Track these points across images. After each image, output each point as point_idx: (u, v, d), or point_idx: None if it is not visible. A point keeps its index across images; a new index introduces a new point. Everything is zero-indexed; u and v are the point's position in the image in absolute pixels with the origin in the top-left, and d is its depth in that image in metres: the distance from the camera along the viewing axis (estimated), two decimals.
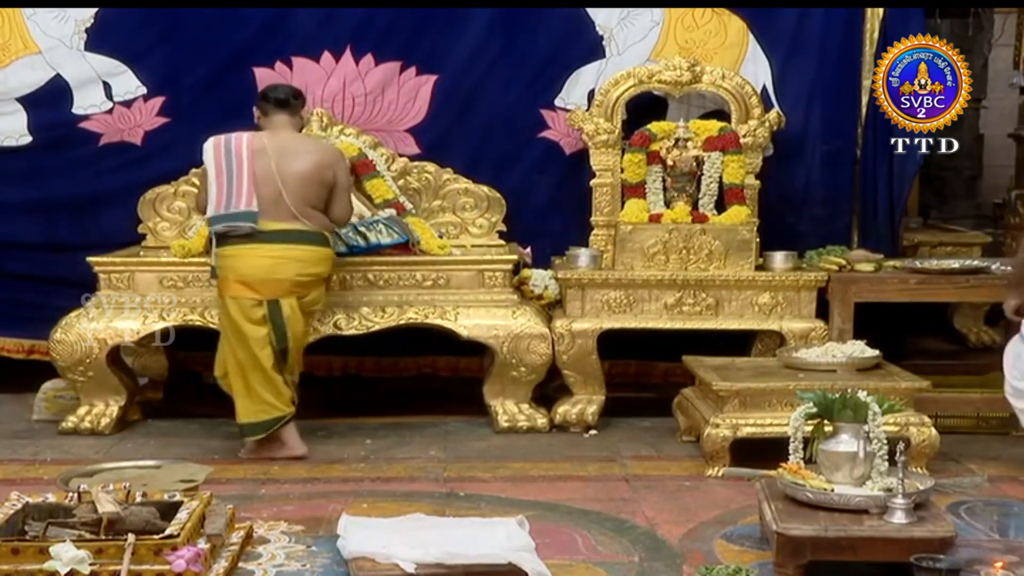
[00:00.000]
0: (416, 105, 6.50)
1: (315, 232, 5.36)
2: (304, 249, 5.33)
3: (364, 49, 6.43)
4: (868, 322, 5.98)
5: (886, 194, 6.55)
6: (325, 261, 5.47)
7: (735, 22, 6.48)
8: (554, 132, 6.49)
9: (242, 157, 5.28)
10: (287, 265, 5.29)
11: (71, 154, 6.48)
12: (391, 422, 6.11)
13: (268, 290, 5.28)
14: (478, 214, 6.39)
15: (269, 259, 5.27)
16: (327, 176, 5.39)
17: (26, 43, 6.42)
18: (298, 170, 5.31)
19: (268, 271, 5.27)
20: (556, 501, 4.79)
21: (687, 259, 5.96)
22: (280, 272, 5.28)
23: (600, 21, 6.45)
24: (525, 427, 5.96)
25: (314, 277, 5.42)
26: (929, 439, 5.18)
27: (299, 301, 5.36)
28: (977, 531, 4.41)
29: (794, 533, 3.78)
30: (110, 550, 3.62)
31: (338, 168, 5.47)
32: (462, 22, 6.45)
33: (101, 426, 5.91)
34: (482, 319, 5.91)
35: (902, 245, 6.66)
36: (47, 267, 6.42)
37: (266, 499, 4.85)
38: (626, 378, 6.69)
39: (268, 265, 5.27)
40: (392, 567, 3.85)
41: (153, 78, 6.43)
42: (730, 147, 6.00)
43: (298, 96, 5.57)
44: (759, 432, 5.18)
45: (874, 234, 6.55)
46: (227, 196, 5.24)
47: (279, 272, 5.28)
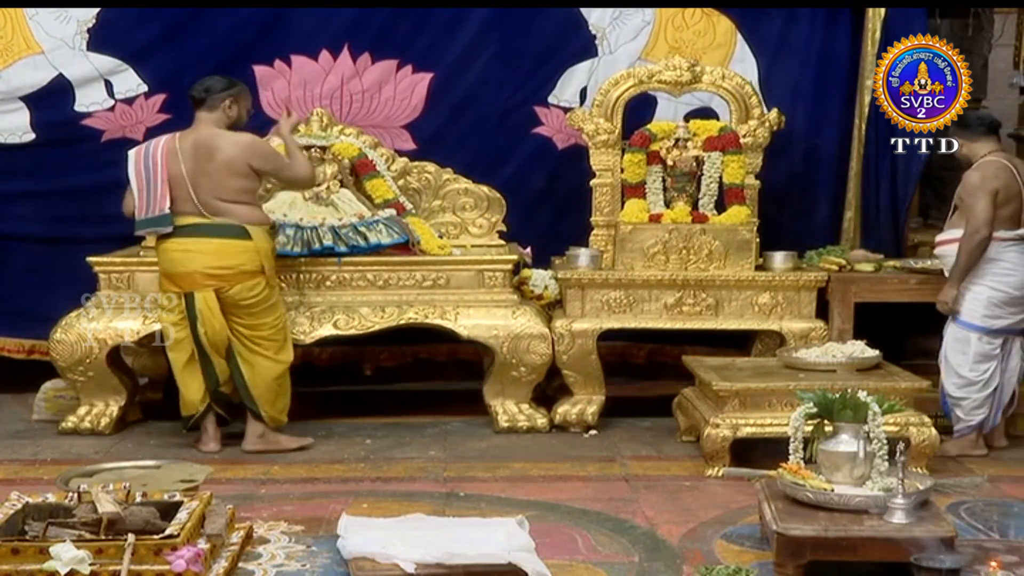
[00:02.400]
0: (412, 102, 6.60)
1: (229, 226, 5.43)
2: (212, 242, 5.42)
3: (361, 47, 6.52)
4: (868, 322, 5.99)
5: (889, 194, 6.58)
6: (243, 254, 5.43)
7: (724, 22, 6.60)
8: (547, 128, 6.60)
9: (158, 161, 5.46)
10: (195, 258, 5.42)
11: (74, 150, 6.52)
12: (391, 422, 6.11)
13: (185, 283, 5.45)
14: (478, 214, 6.39)
15: (179, 252, 5.45)
16: (240, 168, 5.43)
17: (28, 43, 6.44)
18: (207, 167, 5.42)
19: (179, 263, 5.45)
20: (556, 501, 4.79)
21: (687, 259, 5.96)
22: (189, 264, 5.43)
23: (593, 20, 6.57)
24: (525, 427, 5.96)
25: (231, 270, 5.43)
26: (929, 439, 5.18)
27: (222, 295, 5.43)
28: (977, 531, 4.41)
29: (794, 533, 3.78)
30: (110, 550, 3.62)
31: (253, 157, 5.47)
32: (457, 21, 6.55)
33: (101, 426, 5.91)
34: (482, 319, 5.92)
35: (906, 245, 6.69)
36: (50, 261, 6.44)
37: (266, 499, 4.85)
38: (638, 359, 6.76)
39: (179, 258, 5.45)
40: (392, 567, 3.85)
41: (154, 76, 6.48)
42: (730, 147, 6.01)
43: (221, 89, 5.54)
44: (759, 432, 5.19)
45: (876, 234, 6.58)
46: (147, 201, 5.45)
47: (188, 264, 5.43)
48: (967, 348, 5.50)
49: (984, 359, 5.50)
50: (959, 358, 5.52)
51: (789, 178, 6.58)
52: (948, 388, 5.56)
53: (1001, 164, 5.50)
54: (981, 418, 5.52)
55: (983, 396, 5.51)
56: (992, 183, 5.42)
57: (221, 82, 5.55)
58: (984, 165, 5.48)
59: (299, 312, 5.86)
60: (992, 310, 5.47)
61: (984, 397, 5.51)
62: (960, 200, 5.56)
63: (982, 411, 5.52)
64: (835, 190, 6.69)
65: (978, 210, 5.40)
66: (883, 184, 6.59)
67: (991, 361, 5.50)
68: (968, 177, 5.51)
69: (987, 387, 5.51)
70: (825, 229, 6.58)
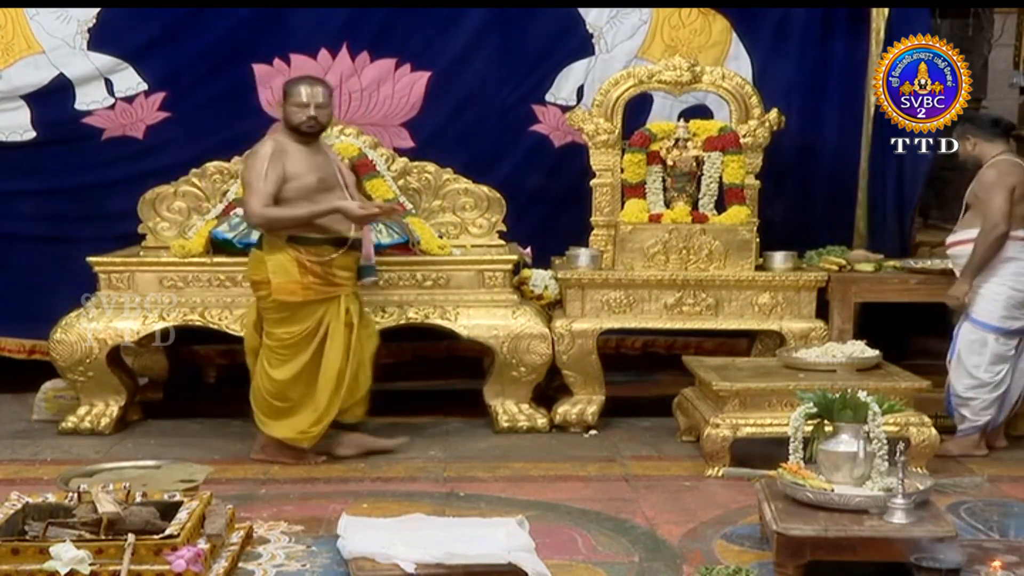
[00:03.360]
0: (410, 100, 6.63)
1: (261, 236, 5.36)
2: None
3: (360, 46, 6.56)
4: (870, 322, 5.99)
5: (895, 194, 6.60)
6: (254, 263, 5.32)
7: (720, 21, 6.64)
8: (544, 126, 6.63)
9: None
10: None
11: (74, 149, 6.54)
12: (391, 422, 6.10)
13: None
14: (478, 214, 6.39)
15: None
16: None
17: (29, 43, 6.45)
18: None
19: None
20: (556, 501, 4.79)
21: (687, 259, 5.96)
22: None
23: (590, 19, 6.60)
24: (525, 427, 5.96)
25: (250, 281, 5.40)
26: (929, 439, 5.18)
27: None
28: (977, 531, 4.41)
29: (794, 533, 3.78)
30: (110, 550, 3.62)
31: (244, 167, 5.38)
32: (455, 20, 6.59)
33: (101, 426, 5.91)
34: (482, 319, 5.92)
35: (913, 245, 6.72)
36: (50, 261, 6.44)
37: (266, 499, 4.85)
38: (634, 350, 6.79)
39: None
40: (392, 567, 3.85)
41: (154, 75, 6.50)
42: (730, 147, 6.01)
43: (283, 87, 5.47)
44: (759, 432, 5.18)
45: (883, 234, 6.60)
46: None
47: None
48: (984, 349, 5.49)
49: (999, 360, 5.49)
50: (975, 359, 5.50)
51: (785, 177, 6.58)
52: (957, 389, 5.55)
53: (1015, 162, 5.52)
54: (988, 419, 5.52)
55: (993, 397, 5.51)
56: (1009, 179, 5.43)
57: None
58: (999, 163, 5.49)
59: None
60: (1010, 311, 5.46)
61: (994, 398, 5.51)
62: (975, 198, 5.54)
63: (990, 412, 5.51)
64: (834, 189, 6.69)
65: (996, 205, 5.40)
66: (889, 184, 6.60)
67: (1006, 362, 5.50)
68: (984, 174, 5.51)
69: (998, 388, 5.50)
70: (825, 229, 6.58)
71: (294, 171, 5.20)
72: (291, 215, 5.18)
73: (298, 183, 5.20)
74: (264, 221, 5.19)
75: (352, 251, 5.34)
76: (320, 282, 5.24)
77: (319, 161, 5.32)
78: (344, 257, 5.31)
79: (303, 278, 5.20)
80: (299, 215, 5.18)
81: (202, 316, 5.85)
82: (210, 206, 6.21)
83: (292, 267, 5.19)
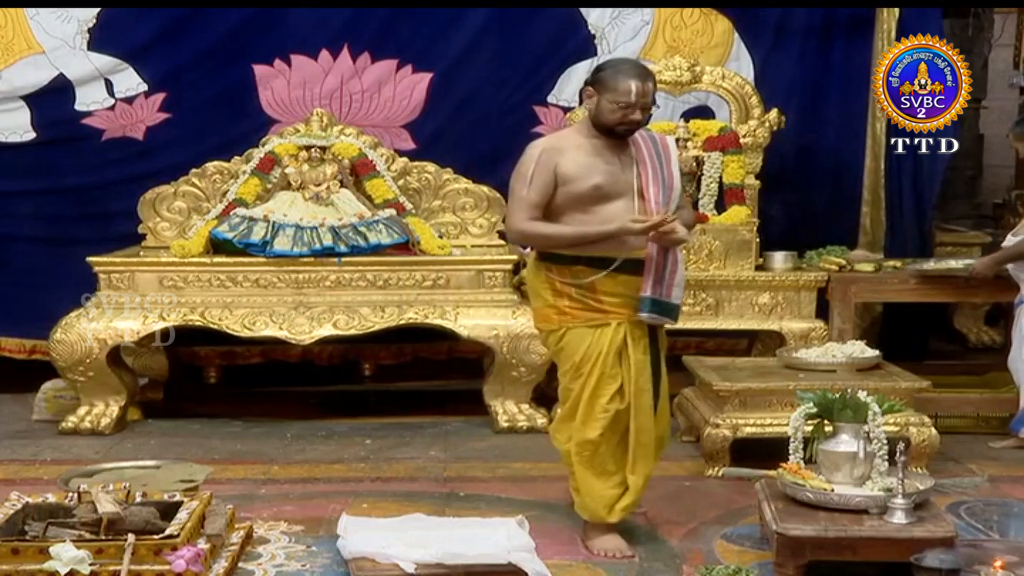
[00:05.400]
0: (412, 102, 6.63)
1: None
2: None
3: (361, 47, 6.56)
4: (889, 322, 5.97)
5: (912, 194, 6.61)
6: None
7: (722, 22, 6.66)
8: (546, 127, 6.60)
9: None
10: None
11: (74, 149, 6.55)
12: (391, 422, 6.11)
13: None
14: (478, 214, 6.39)
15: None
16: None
17: (29, 43, 6.46)
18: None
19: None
20: (556, 501, 4.79)
21: (687, 259, 5.95)
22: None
23: (592, 20, 6.61)
24: (525, 427, 5.96)
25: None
26: (929, 439, 5.18)
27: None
28: (977, 531, 4.41)
29: (794, 533, 3.78)
30: (110, 550, 3.62)
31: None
32: (457, 21, 6.59)
33: (101, 426, 5.91)
34: (482, 319, 5.92)
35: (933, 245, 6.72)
36: (50, 261, 6.45)
37: (266, 499, 4.85)
38: None
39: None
40: (392, 567, 3.85)
41: (154, 75, 6.51)
42: (730, 147, 6.01)
43: (585, 79, 4.32)
44: (759, 432, 5.18)
45: (901, 234, 6.61)
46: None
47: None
48: None
49: None
50: None
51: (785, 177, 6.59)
52: None
53: None
54: None
55: None
56: None
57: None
58: None
59: (299, 312, 5.86)
60: None
61: None
62: None
63: None
64: (834, 189, 6.70)
65: None
66: (905, 184, 6.60)
67: None
68: None
69: None
70: (825, 229, 6.58)
71: (568, 173, 4.09)
72: (554, 234, 4.11)
73: (567, 188, 4.09)
74: (520, 238, 4.37)
75: (621, 274, 4.10)
76: (578, 306, 4.16)
77: (605, 162, 4.11)
78: (610, 280, 4.11)
79: (557, 301, 4.19)
80: (564, 235, 4.10)
81: (202, 316, 5.85)
82: (210, 206, 6.22)
83: (545, 290, 4.22)
